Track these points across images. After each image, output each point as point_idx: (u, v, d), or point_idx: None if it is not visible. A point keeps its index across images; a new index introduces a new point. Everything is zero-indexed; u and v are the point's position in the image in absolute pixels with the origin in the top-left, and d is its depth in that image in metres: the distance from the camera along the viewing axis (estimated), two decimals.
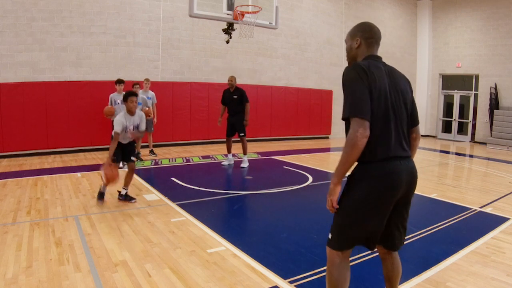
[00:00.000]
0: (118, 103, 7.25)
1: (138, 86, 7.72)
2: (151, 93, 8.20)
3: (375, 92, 1.87)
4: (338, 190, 1.93)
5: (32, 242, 3.39)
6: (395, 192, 1.90)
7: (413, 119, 2.10)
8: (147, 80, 8.15)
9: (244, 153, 7.58)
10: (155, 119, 8.25)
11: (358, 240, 1.99)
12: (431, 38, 16.05)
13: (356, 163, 1.97)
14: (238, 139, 7.56)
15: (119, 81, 7.46)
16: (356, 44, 2.09)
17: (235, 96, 7.35)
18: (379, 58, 2.06)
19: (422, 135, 15.98)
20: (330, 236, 2.05)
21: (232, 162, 7.83)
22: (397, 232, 2.08)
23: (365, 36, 2.07)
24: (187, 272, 2.90)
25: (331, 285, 2.03)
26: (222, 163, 7.79)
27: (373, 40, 2.07)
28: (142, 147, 8.69)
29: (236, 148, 8.53)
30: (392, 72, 2.03)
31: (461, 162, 9.78)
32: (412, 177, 1.97)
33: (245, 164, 7.55)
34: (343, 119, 1.92)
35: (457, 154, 11.51)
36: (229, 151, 7.70)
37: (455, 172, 8.31)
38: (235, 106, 7.37)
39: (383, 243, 2.12)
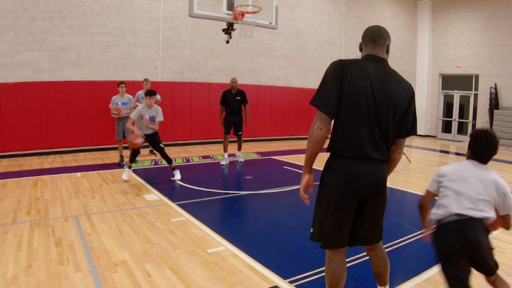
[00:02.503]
0: (119, 104, 7.34)
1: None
2: None
3: (350, 91, 1.90)
4: (305, 179, 2.03)
5: (32, 242, 3.39)
6: (354, 190, 1.94)
7: (399, 129, 2.00)
8: (146, 80, 8.14)
9: (240, 149, 8.17)
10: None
11: (331, 233, 2.00)
12: (431, 38, 16.05)
13: (329, 155, 2.06)
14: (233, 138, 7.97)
15: (121, 83, 7.48)
16: (359, 47, 2.16)
17: (238, 98, 7.71)
18: (378, 58, 2.01)
19: (422, 135, 15.99)
20: (311, 229, 2.12)
21: (228, 161, 7.96)
22: (364, 233, 2.08)
23: (362, 37, 2.13)
24: (187, 272, 2.90)
25: (328, 281, 2.10)
26: (221, 163, 7.82)
27: (368, 38, 2.07)
28: (142, 147, 8.69)
29: (231, 148, 8.53)
30: (387, 76, 1.96)
31: None
32: (374, 180, 1.95)
33: (242, 159, 8.15)
34: (310, 103, 2.01)
35: (457, 154, 11.51)
36: (226, 150, 7.88)
37: None
38: (238, 107, 7.75)
39: (355, 241, 2.13)
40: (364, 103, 1.89)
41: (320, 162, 2.01)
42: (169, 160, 6.11)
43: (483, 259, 2.00)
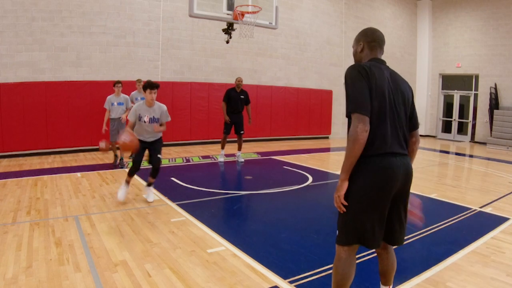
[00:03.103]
0: (115, 104, 7.23)
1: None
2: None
3: (375, 91, 1.96)
4: (345, 186, 2.00)
5: (32, 242, 3.39)
6: (391, 186, 1.96)
7: (412, 123, 2.16)
8: (139, 80, 8.06)
9: (240, 149, 8.20)
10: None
11: (362, 233, 2.01)
12: (431, 38, 16.05)
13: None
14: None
15: (118, 82, 7.35)
16: (360, 48, 2.20)
17: (242, 96, 7.82)
18: (383, 61, 2.14)
19: (422, 135, 15.99)
20: (337, 232, 2.11)
21: (224, 157, 8.16)
22: (397, 227, 2.12)
23: (367, 40, 2.17)
24: (187, 272, 2.90)
25: (335, 280, 2.08)
26: (219, 160, 7.94)
27: (376, 43, 2.16)
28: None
29: (232, 148, 8.55)
30: (394, 75, 2.11)
31: (461, 162, 9.78)
32: (407, 173, 2.04)
33: (242, 159, 8.22)
34: (347, 116, 2.00)
35: (457, 154, 11.51)
36: (223, 147, 8.05)
37: (455, 172, 8.31)
38: (240, 106, 7.86)
39: (384, 238, 2.14)
40: (388, 103, 1.99)
41: (320, 162, 1.99)
42: (155, 175, 4.89)
43: None
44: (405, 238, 2.19)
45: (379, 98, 1.96)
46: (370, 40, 2.16)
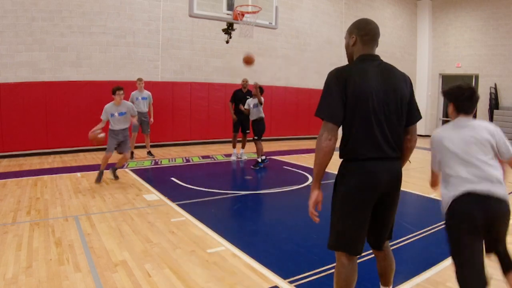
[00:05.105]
0: (115, 115, 5.84)
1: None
2: (146, 93, 8.12)
3: (356, 97, 1.87)
4: (315, 195, 1.97)
5: (32, 242, 3.39)
6: (374, 191, 1.93)
7: (408, 117, 2.03)
8: (140, 80, 7.99)
9: (244, 147, 8.48)
10: (151, 119, 8.15)
11: (343, 239, 2.00)
12: (431, 38, 16.05)
13: (341, 160, 2.04)
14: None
15: (118, 88, 5.79)
16: (352, 41, 2.04)
17: (247, 97, 8.01)
18: (375, 57, 2.00)
19: (422, 135, 15.97)
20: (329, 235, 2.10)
21: (236, 156, 8.30)
22: (384, 233, 2.12)
23: (360, 33, 2.01)
24: (187, 272, 2.89)
25: (338, 285, 2.04)
26: (231, 159, 8.21)
27: (369, 37, 1.99)
28: (138, 147, 8.72)
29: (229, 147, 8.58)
30: (387, 72, 1.97)
31: None
32: (393, 178, 1.98)
33: (245, 156, 8.52)
34: (315, 115, 1.97)
35: None
36: (234, 146, 8.25)
37: None
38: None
39: (372, 244, 2.16)
40: (372, 105, 1.88)
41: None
42: None
43: None
44: (406, 238, 2.19)
45: (359, 102, 1.87)
46: (363, 34, 2.00)
